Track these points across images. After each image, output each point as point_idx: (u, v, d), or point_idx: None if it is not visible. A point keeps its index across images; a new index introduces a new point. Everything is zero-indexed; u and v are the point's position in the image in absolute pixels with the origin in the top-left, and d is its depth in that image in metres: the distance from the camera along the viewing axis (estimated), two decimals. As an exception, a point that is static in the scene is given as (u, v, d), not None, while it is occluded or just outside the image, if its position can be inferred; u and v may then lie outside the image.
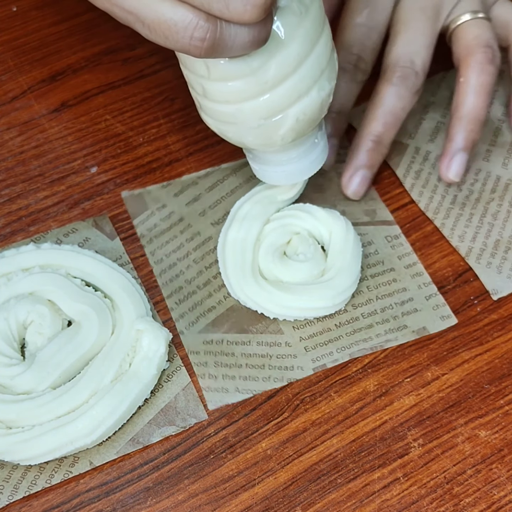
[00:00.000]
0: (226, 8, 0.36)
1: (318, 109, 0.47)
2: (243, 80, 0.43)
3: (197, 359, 0.51)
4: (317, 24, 0.44)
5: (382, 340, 0.52)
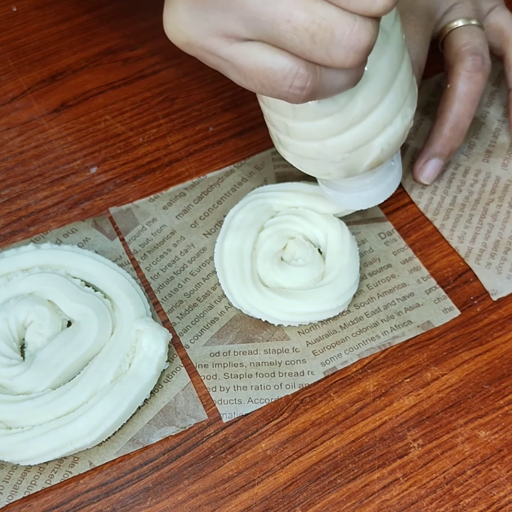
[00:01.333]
0: (328, 56, 0.34)
1: (401, 136, 0.46)
2: (330, 118, 0.42)
3: (206, 372, 0.51)
4: (399, 50, 0.43)
5: (389, 337, 0.52)
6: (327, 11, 0.33)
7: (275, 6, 0.33)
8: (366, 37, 0.34)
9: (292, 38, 0.34)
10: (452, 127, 0.56)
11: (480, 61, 0.55)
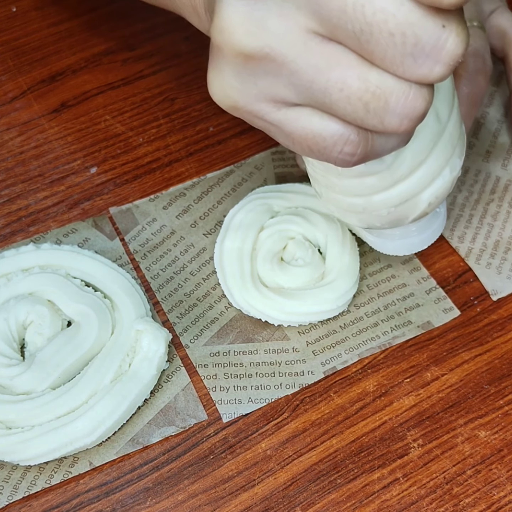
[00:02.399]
0: (381, 123, 0.33)
1: (449, 188, 0.44)
2: (376, 176, 0.41)
3: (206, 372, 0.51)
4: (448, 101, 0.41)
5: (390, 337, 0.52)
6: (381, 79, 0.32)
7: (328, 74, 0.32)
8: (422, 105, 0.32)
9: (345, 107, 0.32)
10: None
11: (481, 62, 0.55)
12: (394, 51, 0.30)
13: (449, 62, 0.31)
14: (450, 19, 0.30)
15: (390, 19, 0.29)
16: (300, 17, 0.31)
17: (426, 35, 0.30)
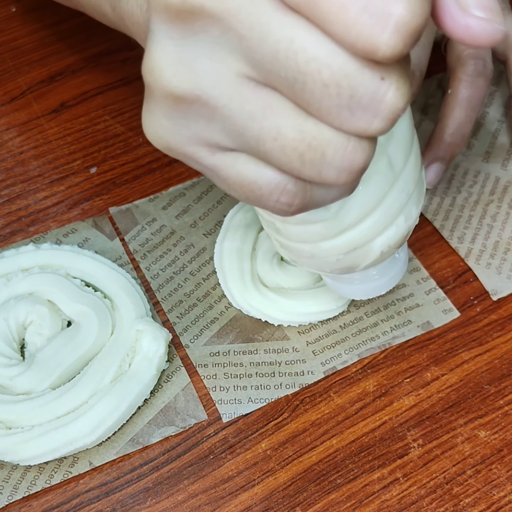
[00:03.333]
0: (318, 175, 0.30)
1: (404, 237, 0.42)
2: (321, 223, 0.38)
3: (206, 372, 0.51)
4: (405, 146, 0.38)
5: (389, 337, 0.52)
6: (318, 130, 0.29)
7: (261, 122, 0.29)
8: (361, 158, 0.30)
9: (279, 157, 0.30)
10: (453, 132, 0.56)
11: (481, 65, 0.55)
12: (329, 103, 0.28)
13: (389, 116, 0.28)
14: (391, 71, 0.27)
15: (324, 69, 0.27)
16: (232, 61, 0.28)
17: (362, 88, 0.27)
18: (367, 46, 0.26)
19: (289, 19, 0.27)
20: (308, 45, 0.27)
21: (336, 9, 0.25)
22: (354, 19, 0.25)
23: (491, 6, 0.27)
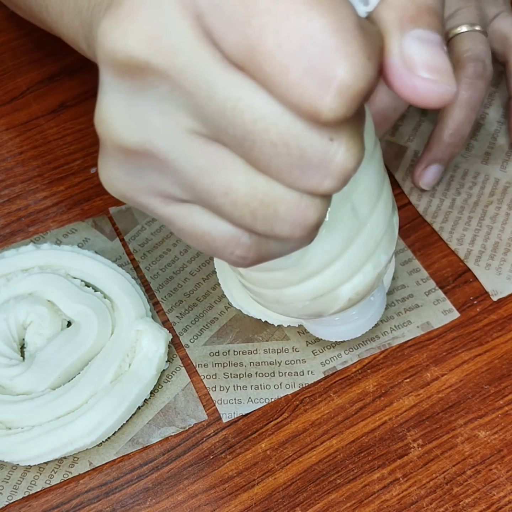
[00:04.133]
0: (271, 230, 0.30)
1: (373, 284, 0.41)
2: (284, 271, 0.38)
3: (206, 372, 0.51)
4: (371, 192, 0.37)
5: (389, 337, 0.52)
6: (270, 187, 0.28)
7: (212, 177, 0.29)
8: (314, 215, 0.29)
9: (231, 211, 0.29)
10: (452, 133, 0.56)
11: (481, 67, 0.55)
12: (278, 162, 0.27)
13: (340, 177, 0.28)
14: (340, 132, 0.27)
15: (272, 129, 0.26)
16: (181, 117, 0.28)
17: (311, 148, 0.27)
18: (310, 109, 0.26)
19: (236, 77, 0.26)
20: (254, 104, 0.26)
21: (278, 70, 0.25)
22: (295, 82, 0.25)
23: (440, 67, 0.27)
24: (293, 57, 0.25)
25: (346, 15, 0.25)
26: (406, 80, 0.27)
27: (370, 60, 0.25)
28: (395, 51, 0.26)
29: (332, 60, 0.25)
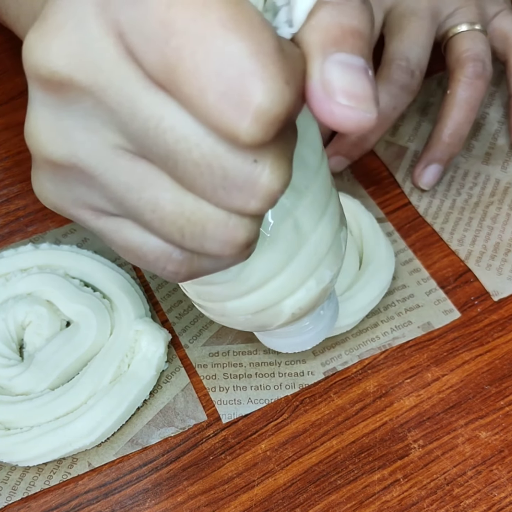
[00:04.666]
0: (201, 247, 0.29)
1: (317, 300, 0.39)
2: (223, 285, 0.37)
3: (205, 372, 0.51)
4: (316, 209, 0.36)
5: (390, 338, 0.52)
6: (197, 205, 0.28)
7: (139, 194, 0.28)
8: (243, 235, 0.29)
9: (159, 228, 0.29)
10: (451, 133, 0.56)
11: (481, 67, 0.55)
12: (203, 182, 0.27)
13: (265, 198, 0.27)
14: (265, 154, 0.26)
15: (194, 149, 0.26)
16: (107, 133, 0.28)
17: (235, 170, 0.26)
18: (228, 132, 0.25)
19: (159, 96, 0.26)
20: (176, 124, 0.26)
21: (196, 92, 0.25)
22: (213, 105, 0.25)
23: (359, 93, 0.26)
24: (210, 80, 0.24)
25: (265, 38, 0.24)
26: (324, 105, 0.26)
27: (288, 85, 0.25)
28: (315, 75, 0.26)
29: (248, 85, 0.24)
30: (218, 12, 0.24)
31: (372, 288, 0.52)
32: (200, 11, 0.24)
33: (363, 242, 0.54)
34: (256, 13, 0.25)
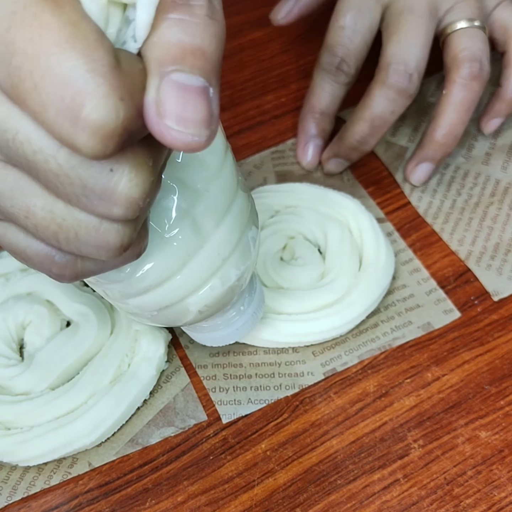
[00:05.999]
0: (78, 251, 0.30)
1: (223, 298, 0.40)
2: (119, 284, 0.37)
3: (205, 373, 0.51)
4: (217, 209, 0.37)
5: (390, 338, 0.52)
6: (67, 211, 0.29)
7: (11, 201, 0.29)
8: (115, 239, 0.30)
9: (35, 233, 0.30)
10: (444, 134, 0.56)
11: (477, 68, 0.55)
12: (65, 190, 0.28)
13: (127, 205, 0.28)
14: (121, 162, 0.27)
15: (51, 161, 0.27)
16: None
17: (91, 179, 0.27)
18: (71, 146, 0.26)
19: (14, 111, 0.27)
20: (31, 137, 0.27)
21: (38, 108, 0.26)
22: (54, 121, 0.25)
23: (189, 117, 0.26)
24: (49, 97, 0.25)
25: (100, 55, 0.25)
26: (155, 125, 0.26)
27: (123, 101, 0.25)
28: (150, 94, 0.26)
29: (82, 101, 0.25)
30: (54, 32, 0.25)
31: (372, 293, 0.52)
32: (38, 31, 0.25)
33: (363, 242, 0.54)
34: (93, 31, 0.25)
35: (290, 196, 0.56)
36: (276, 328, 0.50)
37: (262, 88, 0.66)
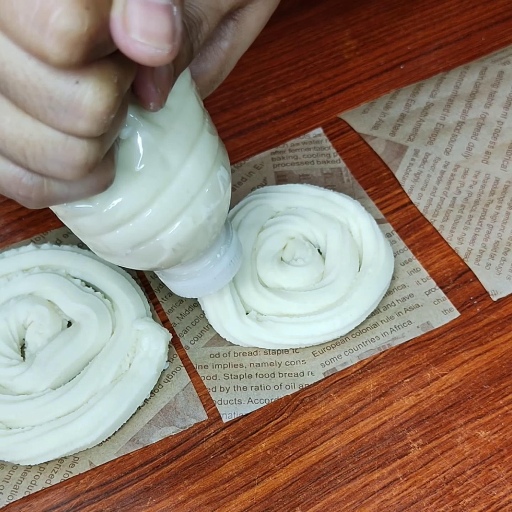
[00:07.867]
0: (45, 169, 0.31)
1: (195, 236, 0.40)
2: (89, 217, 0.37)
3: (206, 373, 0.51)
4: (183, 143, 0.38)
5: (389, 338, 0.52)
6: (35, 127, 0.30)
7: None
8: (80, 155, 0.30)
9: (3, 149, 0.30)
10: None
11: None
12: (32, 103, 0.29)
13: (91, 118, 0.29)
14: (86, 75, 0.28)
15: (19, 72, 0.28)
16: None
17: (58, 90, 0.28)
18: (39, 53, 0.27)
19: None
20: (0, 48, 0.28)
21: (9, 17, 0.26)
22: (23, 29, 0.26)
23: (152, 31, 0.27)
24: (19, 5, 0.26)
25: None
26: (121, 39, 0.28)
27: (88, 10, 0.26)
28: (117, 8, 0.27)
29: (50, 9, 0.26)
30: None
31: (372, 294, 0.52)
32: None
33: (363, 243, 0.54)
34: None
35: (290, 197, 0.56)
36: (277, 330, 0.51)
37: (263, 89, 0.66)
